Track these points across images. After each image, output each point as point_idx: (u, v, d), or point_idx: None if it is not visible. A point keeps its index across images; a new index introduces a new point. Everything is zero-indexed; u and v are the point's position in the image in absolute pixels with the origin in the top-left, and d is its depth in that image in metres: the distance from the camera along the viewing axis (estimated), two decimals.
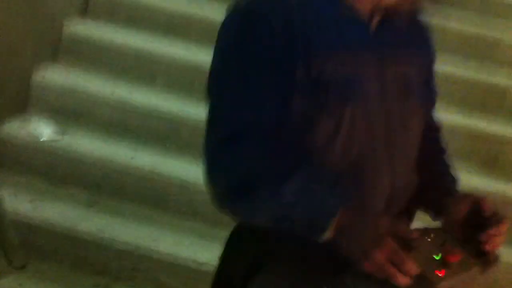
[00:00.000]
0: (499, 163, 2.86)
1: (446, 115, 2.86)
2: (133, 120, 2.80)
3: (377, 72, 1.12)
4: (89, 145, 2.68)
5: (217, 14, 1.34)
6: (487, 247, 1.06)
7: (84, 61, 3.03)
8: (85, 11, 3.24)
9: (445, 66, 3.12)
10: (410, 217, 1.28)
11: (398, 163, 1.17)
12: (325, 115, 1.05)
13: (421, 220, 1.27)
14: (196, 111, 2.61)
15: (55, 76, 2.92)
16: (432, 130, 1.36)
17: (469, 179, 2.71)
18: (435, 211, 1.24)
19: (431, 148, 1.33)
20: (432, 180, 1.29)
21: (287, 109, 1.05)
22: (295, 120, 1.06)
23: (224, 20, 1.11)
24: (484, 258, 1.06)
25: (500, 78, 3.14)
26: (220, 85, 1.10)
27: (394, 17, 1.16)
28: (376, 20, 1.14)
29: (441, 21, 3.26)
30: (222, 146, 1.07)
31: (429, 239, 1.03)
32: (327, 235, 1.00)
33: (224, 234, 1.26)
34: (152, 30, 3.15)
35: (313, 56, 1.04)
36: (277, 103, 1.05)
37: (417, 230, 1.05)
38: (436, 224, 1.20)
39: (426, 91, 1.25)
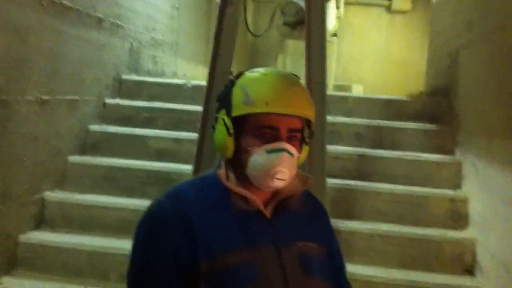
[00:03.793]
0: None
1: (387, 273, 3.08)
2: None
3: (275, 254, 1.27)
4: None
5: None
6: None
7: (39, 269, 3.13)
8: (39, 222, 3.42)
9: (381, 226, 3.38)
10: None
11: None
12: None
13: None
14: None
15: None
16: None
17: None
18: None
19: None
20: None
21: None
22: None
23: (139, 221, 1.30)
24: None
25: (432, 230, 3.38)
26: (132, 280, 1.27)
27: (287, 203, 1.35)
28: (271, 207, 1.33)
29: (372, 185, 3.61)
30: None
31: None
32: None
33: None
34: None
35: (214, 253, 1.22)
36: None
37: None
38: None
39: (329, 265, 1.39)
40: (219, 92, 1.37)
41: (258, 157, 1.25)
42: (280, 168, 1.24)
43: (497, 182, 2.96)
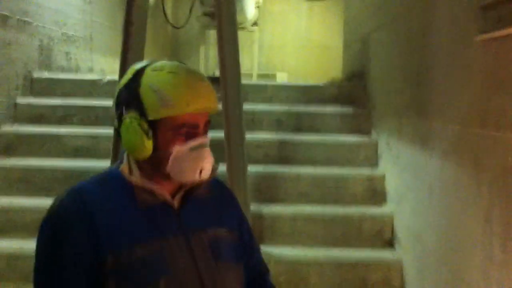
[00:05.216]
0: (364, 285, 3.08)
1: (311, 252, 3.17)
2: None
3: (184, 243, 1.28)
4: None
5: None
6: None
7: None
8: None
9: (303, 208, 3.47)
10: None
11: None
12: None
13: None
14: None
15: None
16: (260, 275, 1.51)
17: None
18: None
19: None
20: None
21: None
22: None
23: (41, 222, 1.26)
24: None
25: (352, 208, 3.50)
26: (39, 284, 1.23)
27: (195, 192, 1.35)
28: (178, 198, 1.33)
29: (293, 170, 3.69)
30: None
31: None
32: None
33: None
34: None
35: (120, 247, 1.21)
36: None
37: None
38: None
39: (241, 249, 1.42)
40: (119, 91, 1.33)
41: (182, 155, 1.25)
42: (206, 162, 1.28)
43: (406, 158, 3.10)
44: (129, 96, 1.27)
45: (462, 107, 2.24)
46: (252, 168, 3.40)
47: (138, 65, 1.32)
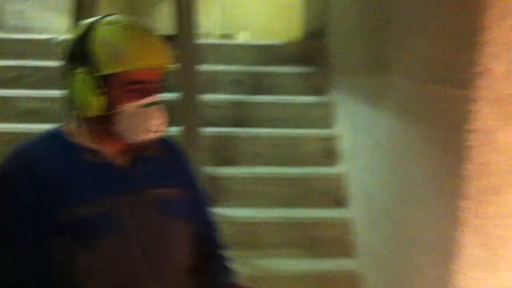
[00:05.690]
0: (317, 244, 3.16)
1: (265, 213, 3.22)
2: None
3: (131, 202, 1.30)
4: None
5: None
6: None
7: None
8: None
9: (258, 169, 3.50)
10: None
11: (164, 272, 1.33)
12: (83, 248, 1.23)
13: None
14: None
15: None
16: (208, 233, 1.55)
17: (295, 264, 3.00)
18: None
19: (207, 249, 1.52)
20: (208, 276, 1.48)
21: (44, 257, 1.21)
22: (57, 257, 1.22)
23: None
24: None
25: (307, 169, 3.56)
26: None
27: (144, 151, 1.37)
28: (127, 158, 1.34)
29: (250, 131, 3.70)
30: None
31: None
32: None
33: None
34: None
35: (64, 207, 1.22)
36: (33, 257, 1.21)
37: None
38: None
39: (191, 205, 1.44)
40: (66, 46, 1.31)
41: (134, 113, 1.25)
42: (159, 120, 1.28)
43: (361, 117, 3.14)
44: (81, 51, 1.26)
45: (414, 63, 2.25)
46: (209, 129, 3.40)
47: (90, 20, 1.30)
